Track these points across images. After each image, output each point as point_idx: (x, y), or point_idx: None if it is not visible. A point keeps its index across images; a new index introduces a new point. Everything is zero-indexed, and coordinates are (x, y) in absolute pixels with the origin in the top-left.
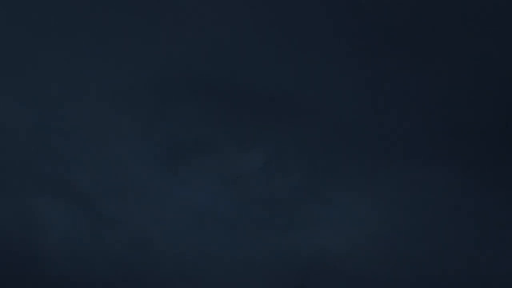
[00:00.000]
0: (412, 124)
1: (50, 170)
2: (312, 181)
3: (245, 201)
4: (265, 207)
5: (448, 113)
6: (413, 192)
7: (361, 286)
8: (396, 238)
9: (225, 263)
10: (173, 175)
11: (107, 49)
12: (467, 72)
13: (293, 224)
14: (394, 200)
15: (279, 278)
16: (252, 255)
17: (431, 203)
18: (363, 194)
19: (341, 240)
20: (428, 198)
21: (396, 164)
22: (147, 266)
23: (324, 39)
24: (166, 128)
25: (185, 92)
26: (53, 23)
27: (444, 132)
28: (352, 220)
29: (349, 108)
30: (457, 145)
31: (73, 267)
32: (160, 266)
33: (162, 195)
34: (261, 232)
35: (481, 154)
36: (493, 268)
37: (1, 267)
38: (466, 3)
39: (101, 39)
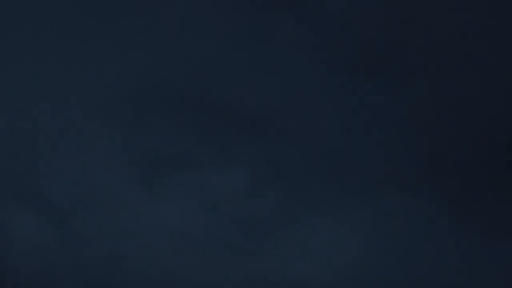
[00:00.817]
0: (394, 152)
1: (20, 179)
2: (291, 206)
3: (221, 223)
4: (242, 231)
5: (430, 143)
6: (393, 221)
7: None
8: (375, 267)
9: (195, 286)
10: (149, 190)
11: (85, 58)
12: (449, 101)
13: (270, 249)
14: (373, 229)
15: None
16: (225, 280)
17: (411, 231)
18: (342, 221)
19: (318, 268)
20: (408, 226)
21: (377, 192)
22: (117, 284)
23: (308, 60)
24: (144, 141)
25: (164, 105)
26: (30, 28)
27: (425, 162)
28: (330, 248)
29: (332, 133)
30: (437, 175)
31: (41, 281)
32: (130, 284)
33: (136, 211)
34: (235, 256)
35: (460, 184)
36: None
37: None
38: (448, 29)
39: (79, 47)
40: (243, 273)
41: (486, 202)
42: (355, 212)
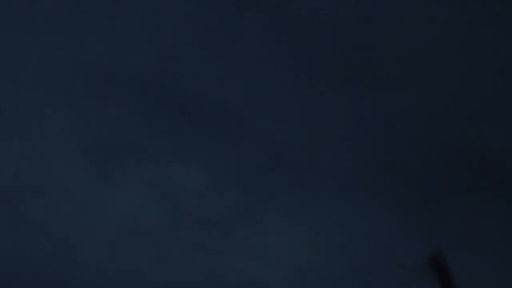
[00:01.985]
0: (355, 155)
1: None
2: (250, 204)
3: (177, 217)
4: (198, 226)
5: (390, 149)
6: (351, 226)
7: None
8: (333, 267)
9: (149, 283)
10: (103, 180)
11: (42, 41)
12: (415, 107)
13: (225, 247)
14: (332, 230)
15: None
16: (181, 277)
17: (368, 236)
18: (301, 221)
19: (276, 268)
20: (366, 231)
21: (337, 194)
22: (66, 276)
23: (276, 58)
24: (99, 128)
25: (123, 92)
26: None
27: (385, 168)
28: (289, 248)
29: (294, 133)
30: (397, 183)
31: None
32: (80, 278)
33: (89, 200)
34: (190, 253)
35: (419, 192)
36: None
37: None
38: (419, 34)
39: (34, 31)
40: (200, 271)
41: (437, 211)
42: (314, 212)
